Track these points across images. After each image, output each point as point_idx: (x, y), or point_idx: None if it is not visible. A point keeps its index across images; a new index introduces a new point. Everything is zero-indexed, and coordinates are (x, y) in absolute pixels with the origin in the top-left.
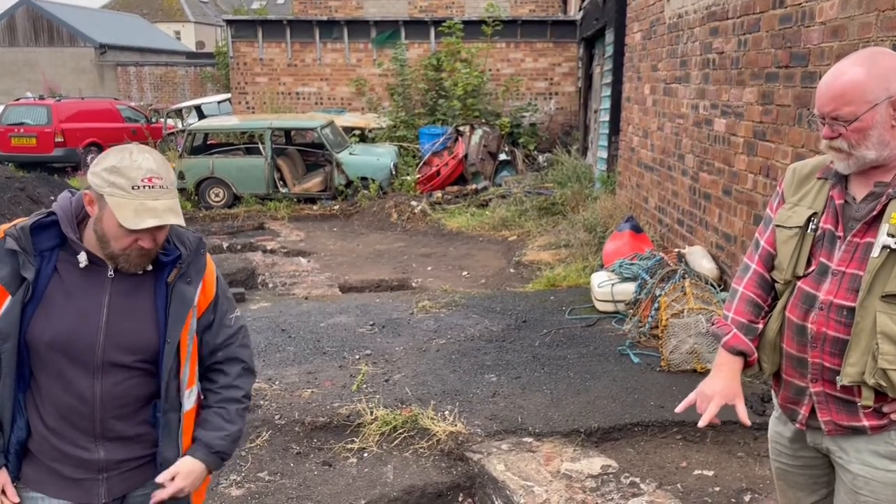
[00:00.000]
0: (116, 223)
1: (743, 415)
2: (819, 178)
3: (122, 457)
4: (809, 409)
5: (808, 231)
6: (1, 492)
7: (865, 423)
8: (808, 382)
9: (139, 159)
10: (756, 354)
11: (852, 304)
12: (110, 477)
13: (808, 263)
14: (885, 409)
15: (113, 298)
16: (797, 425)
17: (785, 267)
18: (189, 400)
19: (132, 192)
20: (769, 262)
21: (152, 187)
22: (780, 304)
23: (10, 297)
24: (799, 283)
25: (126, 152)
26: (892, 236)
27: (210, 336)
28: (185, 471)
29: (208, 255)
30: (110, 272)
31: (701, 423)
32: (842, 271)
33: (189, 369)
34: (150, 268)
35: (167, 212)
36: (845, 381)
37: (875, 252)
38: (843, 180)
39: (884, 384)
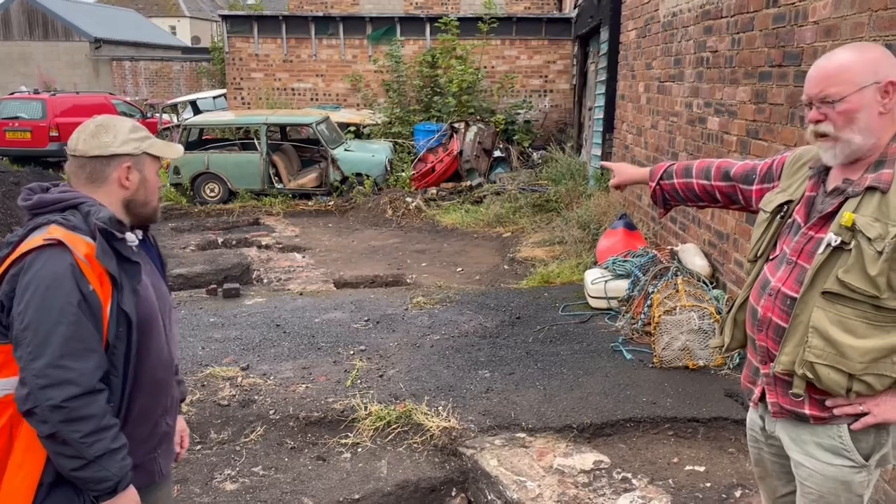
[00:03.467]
0: (156, 172)
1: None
2: (810, 169)
3: (170, 426)
4: (761, 390)
5: (777, 218)
6: None
7: (807, 411)
8: (759, 364)
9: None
10: (654, 185)
11: (795, 295)
12: (161, 453)
13: (775, 248)
14: (828, 403)
15: (146, 266)
16: (750, 403)
17: (751, 246)
18: None
19: (152, 136)
20: (742, 173)
21: None
22: (747, 281)
23: (114, 287)
24: (765, 266)
25: (113, 118)
26: (838, 235)
27: None
28: (185, 428)
29: None
30: (135, 244)
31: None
32: (794, 261)
33: None
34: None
35: None
36: (778, 369)
37: (820, 248)
38: (822, 173)
39: (811, 376)
